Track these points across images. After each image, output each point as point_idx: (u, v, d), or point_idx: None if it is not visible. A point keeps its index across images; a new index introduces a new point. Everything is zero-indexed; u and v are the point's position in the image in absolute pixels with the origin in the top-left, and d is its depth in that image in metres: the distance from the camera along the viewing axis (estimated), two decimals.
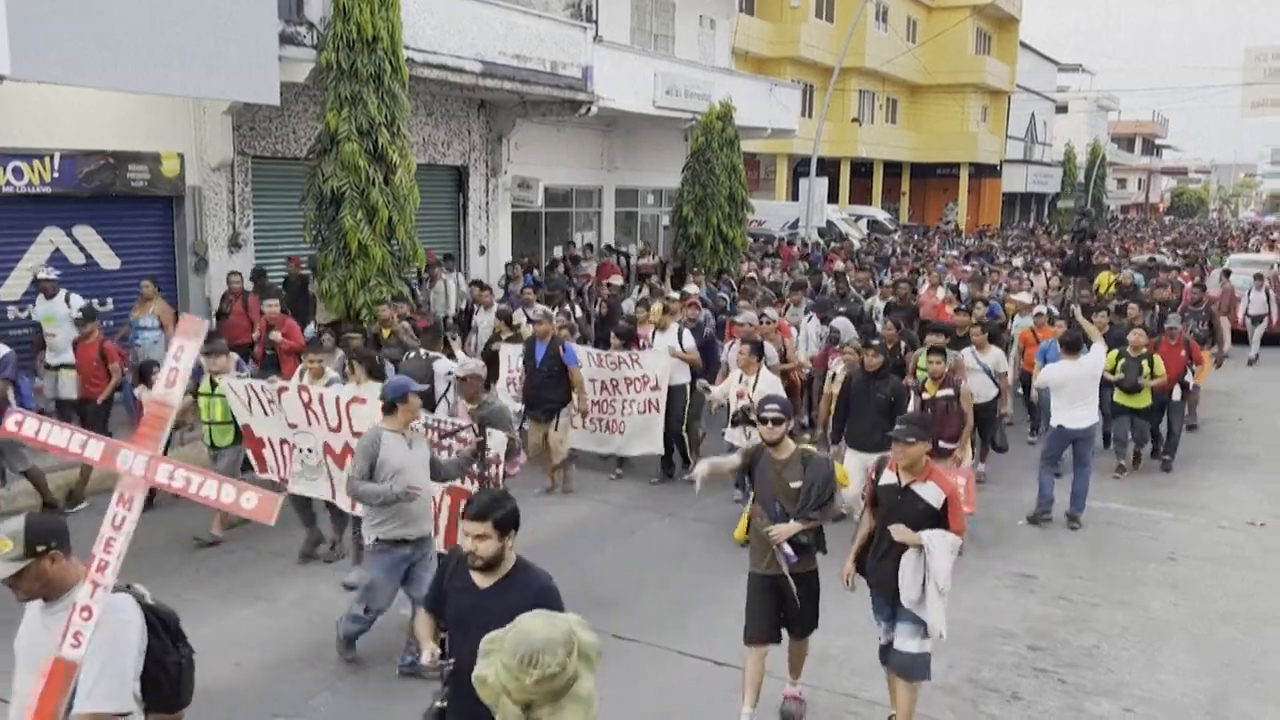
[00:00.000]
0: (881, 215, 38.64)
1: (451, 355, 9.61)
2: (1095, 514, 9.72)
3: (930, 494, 5.49)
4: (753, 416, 7.74)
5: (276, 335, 10.92)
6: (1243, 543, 9.22)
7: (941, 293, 14.81)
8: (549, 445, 10.11)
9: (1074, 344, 9.46)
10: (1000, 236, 39.43)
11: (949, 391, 8.87)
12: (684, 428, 10.65)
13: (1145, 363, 10.91)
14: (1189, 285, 18.89)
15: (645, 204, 24.00)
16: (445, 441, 7.03)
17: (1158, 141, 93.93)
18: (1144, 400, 10.94)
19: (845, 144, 39.07)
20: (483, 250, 18.28)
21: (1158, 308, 14.50)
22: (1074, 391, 9.39)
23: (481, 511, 3.86)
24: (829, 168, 35.16)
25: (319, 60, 12.30)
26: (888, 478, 5.67)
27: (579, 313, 14.31)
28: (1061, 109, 65.26)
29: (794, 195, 32.18)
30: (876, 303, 14.63)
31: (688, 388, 10.47)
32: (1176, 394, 11.45)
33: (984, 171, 48.79)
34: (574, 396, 10.15)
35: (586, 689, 2.76)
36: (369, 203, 12.25)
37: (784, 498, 5.66)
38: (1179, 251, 30.38)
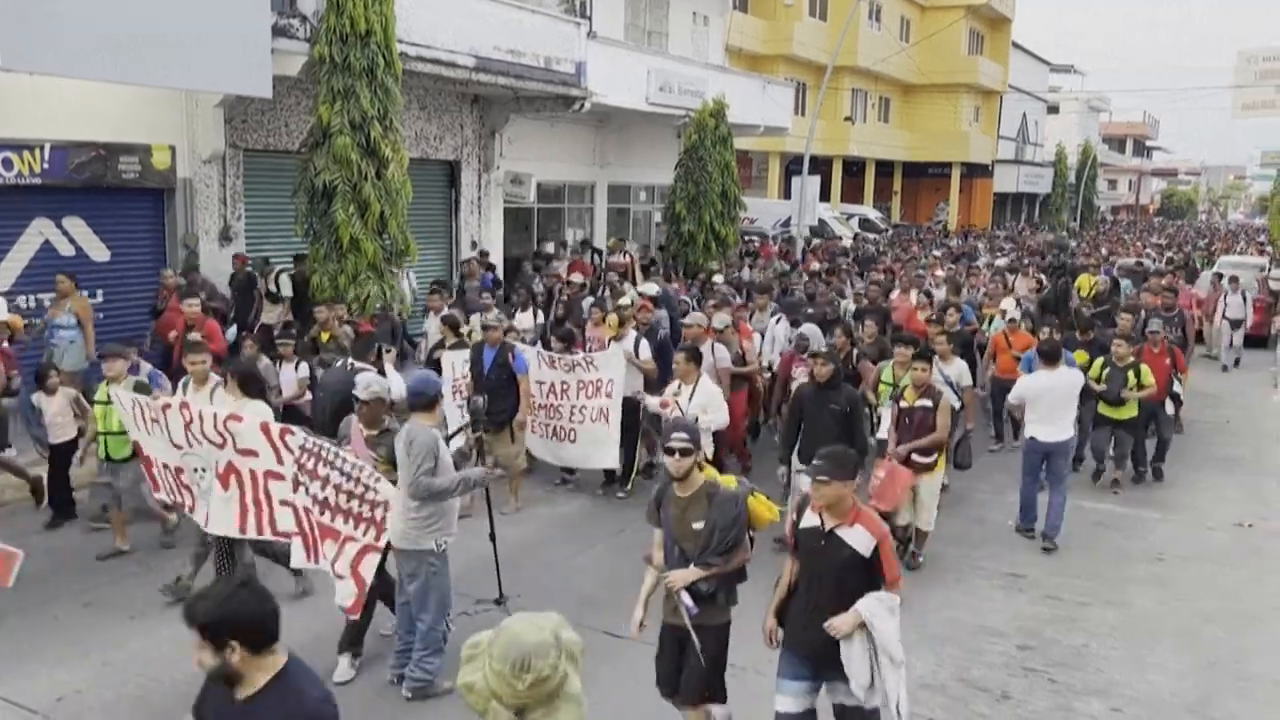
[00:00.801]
0: (873, 214, 38.68)
1: (382, 370, 8.37)
2: (1085, 514, 9.76)
3: (858, 540, 4.75)
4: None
5: (196, 336, 9.89)
6: (1229, 543, 9.27)
7: (915, 297, 13.83)
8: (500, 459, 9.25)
9: (1053, 354, 9.14)
10: (987, 236, 39.22)
11: (927, 402, 8.09)
12: (637, 440, 9.98)
13: (1131, 373, 10.28)
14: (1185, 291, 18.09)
15: (638, 200, 24.00)
16: (323, 471, 6.11)
17: (1148, 143, 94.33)
18: (1129, 411, 10.36)
19: (838, 142, 39.11)
20: (474, 245, 18.23)
21: (1143, 313, 13.74)
22: (1050, 404, 8.97)
23: (186, 613, 3.01)
24: (821, 166, 35.16)
25: (312, 54, 12.25)
26: (810, 519, 4.90)
27: (540, 317, 13.35)
28: (1053, 109, 65.47)
29: (786, 193, 32.20)
30: (849, 305, 13.94)
31: (638, 399, 9.74)
32: (1169, 407, 11.01)
33: (976, 171, 48.90)
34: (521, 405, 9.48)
35: (576, 687, 2.77)
36: (361, 197, 12.21)
37: (685, 539, 5.01)
38: (1167, 254, 29.82)
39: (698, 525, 4.96)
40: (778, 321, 11.77)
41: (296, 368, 9.80)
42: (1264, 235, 49.55)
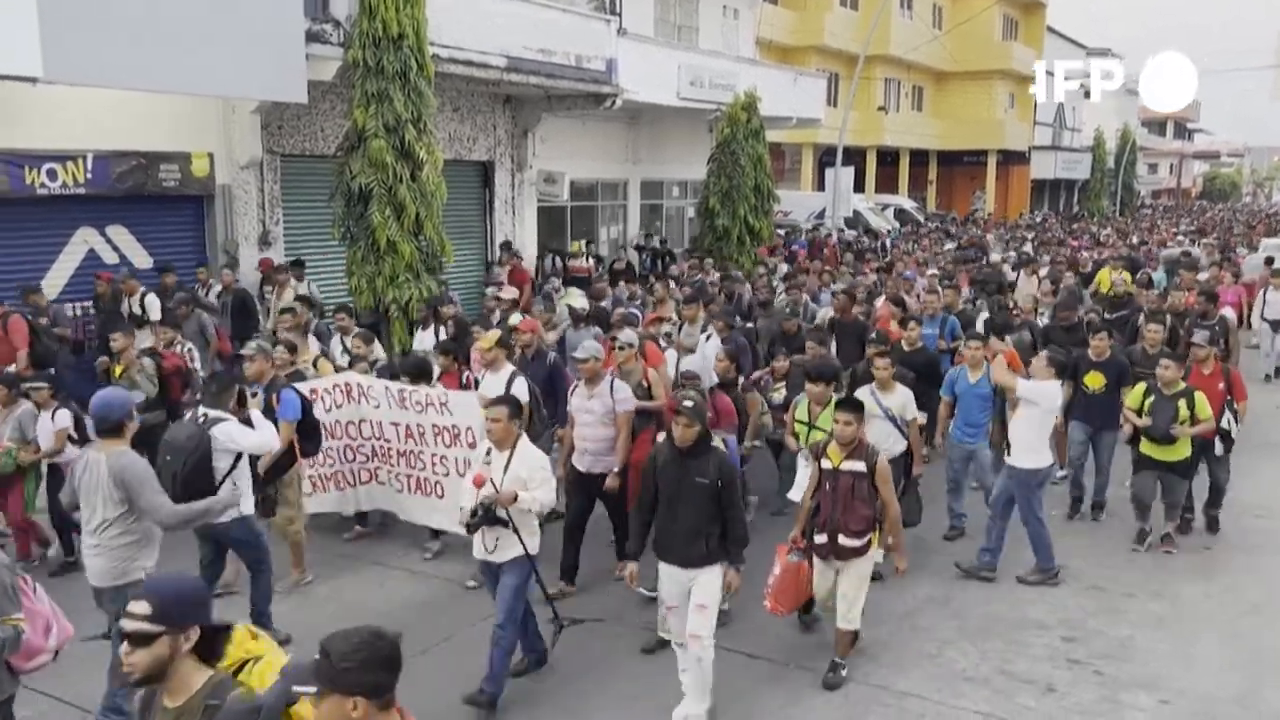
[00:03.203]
0: (909, 204, 38.39)
1: (248, 419, 6.68)
2: (1127, 503, 9.61)
3: None
4: (499, 512, 5.71)
5: None
6: (1276, 532, 9.10)
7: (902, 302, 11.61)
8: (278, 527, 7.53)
9: (1065, 365, 8.12)
10: (1007, 226, 37.69)
11: (858, 465, 6.17)
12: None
13: (1183, 402, 8.22)
14: (1228, 285, 15.65)
15: (670, 196, 24.00)
16: None
17: (1189, 125, 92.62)
18: (1180, 451, 8.35)
19: (871, 133, 38.85)
20: (508, 245, 18.31)
21: (1169, 321, 11.23)
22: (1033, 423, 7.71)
23: None
24: (855, 157, 34.94)
25: (346, 58, 12.40)
26: None
27: (442, 334, 10.85)
28: (1090, 94, 64.48)
29: (820, 185, 32.01)
30: (828, 315, 11.72)
31: None
32: (1218, 447, 8.75)
33: (1012, 158, 48.36)
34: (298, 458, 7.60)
35: None
36: (397, 199, 12.33)
37: None
38: (1202, 241, 26.87)
39: None
40: (708, 338, 9.86)
41: (54, 416, 7.84)
42: None
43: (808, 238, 24.61)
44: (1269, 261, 17.77)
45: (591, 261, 18.37)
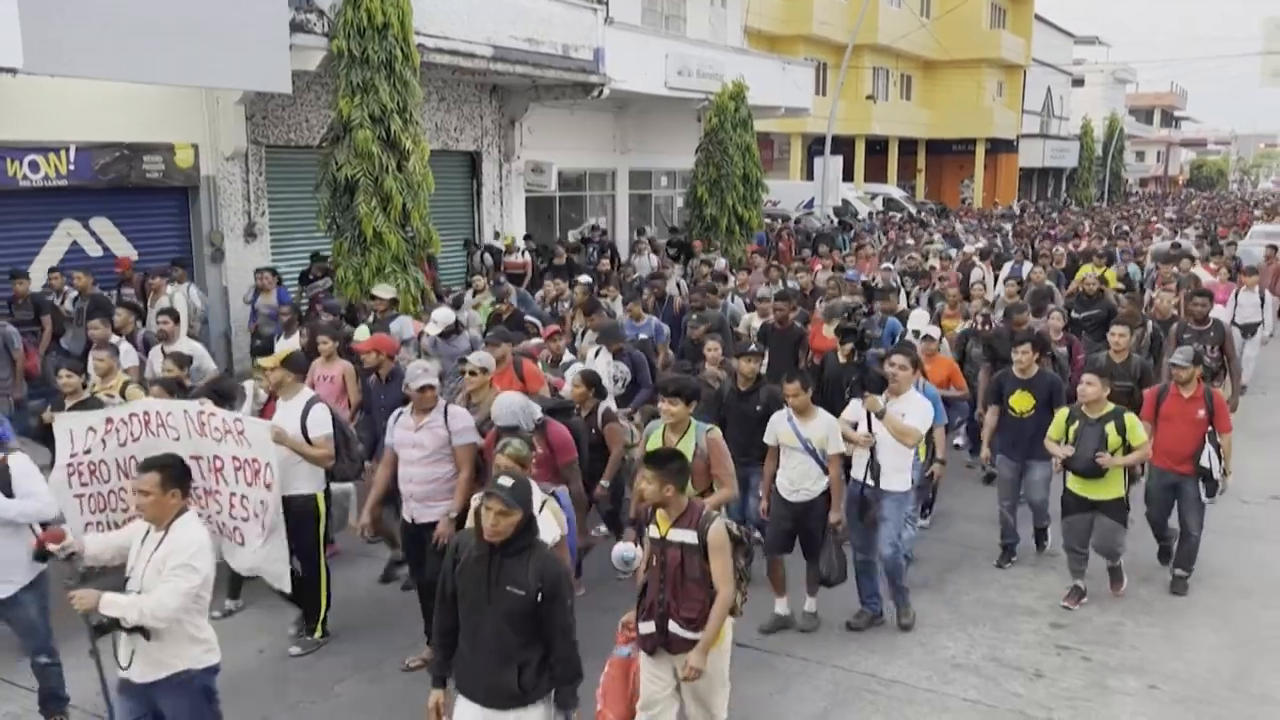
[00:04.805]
0: (898, 193, 38.41)
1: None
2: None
3: None
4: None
5: None
6: (1263, 517, 9.14)
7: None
8: None
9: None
10: (986, 215, 37.04)
11: (688, 536, 4.68)
12: (317, 565, 6.54)
13: (1111, 426, 6.85)
14: (1212, 280, 14.00)
15: (659, 186, 23.96)
16: None
17: (1176, 113, 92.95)
18: (1110, 489, 6.96)
19: (860, 122, 38.82)
20: (497, 235, 18.27)
21: (1150, 326, 10.18)
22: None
23: None
24: (843, 146, 34.92)
25: (330, 48, 12.31)
26: None
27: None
28: (1078, 82, 64.61)
29: (809, 174, 32.01)
30: (754, 321, 10.43)
31: (319, 501, 6.51)
32: (1199, 489, 7.35)
33: (1000, 147, 48.39)
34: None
35: None
36: (383, 190, 12.26)
37: None
38: (1185, 231, 25.99)
39: None
40: (597, 353, 8.61)
41: None
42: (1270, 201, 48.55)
43: (764, 230, 22.90)
44: (1274, 250, 16.99)
45: (528, 256, 16.94)
